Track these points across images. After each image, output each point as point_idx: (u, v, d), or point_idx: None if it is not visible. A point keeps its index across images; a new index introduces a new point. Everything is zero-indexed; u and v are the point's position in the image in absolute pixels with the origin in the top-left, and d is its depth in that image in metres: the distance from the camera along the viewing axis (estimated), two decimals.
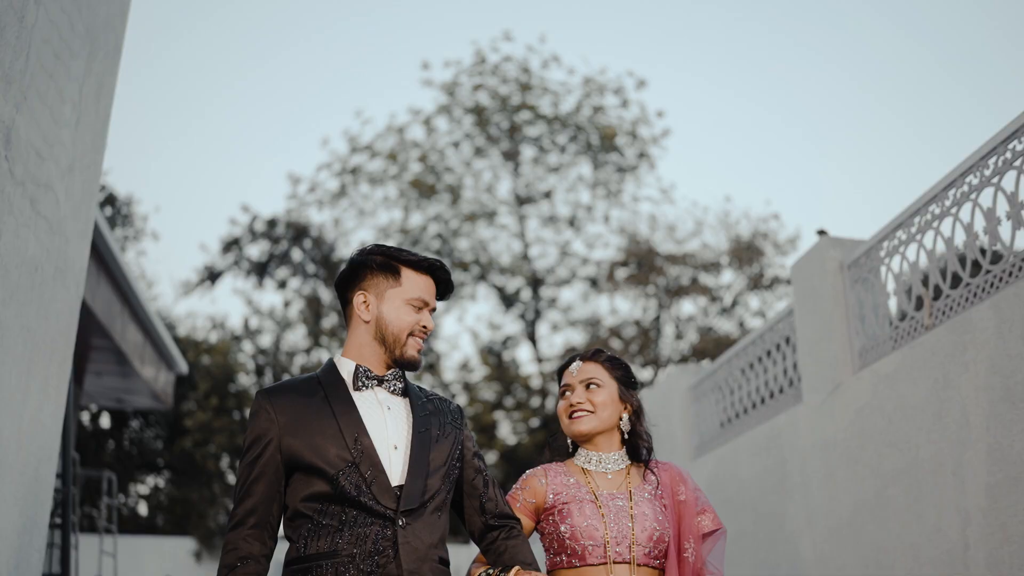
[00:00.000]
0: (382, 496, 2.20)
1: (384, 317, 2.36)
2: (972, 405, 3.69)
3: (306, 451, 2.23)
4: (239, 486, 2.26)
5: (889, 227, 4.52)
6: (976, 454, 3.66)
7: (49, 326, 4.00)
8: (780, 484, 5.48)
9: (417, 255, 2.45)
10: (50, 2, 3.83)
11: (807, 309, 5.18)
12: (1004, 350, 3.50)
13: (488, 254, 21.43)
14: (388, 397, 2.37)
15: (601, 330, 20.26)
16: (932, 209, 4.18)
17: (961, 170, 3.94)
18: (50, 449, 4.15)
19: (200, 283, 21.36)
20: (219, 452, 18.96)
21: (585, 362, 2.70)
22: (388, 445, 2.28)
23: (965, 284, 3.93)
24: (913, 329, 4.31)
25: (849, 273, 4.89)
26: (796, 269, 5.42)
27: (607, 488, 2.59)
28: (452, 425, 2.43)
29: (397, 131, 21.08)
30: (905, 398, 4.19)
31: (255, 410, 2.34)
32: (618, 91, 21.08)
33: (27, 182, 3.67)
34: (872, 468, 4.46)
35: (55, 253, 4.06)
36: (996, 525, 3.52)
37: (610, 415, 2.64)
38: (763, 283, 19.22)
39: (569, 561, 2.50)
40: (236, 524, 2.25)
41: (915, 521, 4.08)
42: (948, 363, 3.86)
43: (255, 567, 2.20)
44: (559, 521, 2.53)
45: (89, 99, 4.46)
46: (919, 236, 4.30)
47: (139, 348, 9.64)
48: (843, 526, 4.73)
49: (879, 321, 4.65)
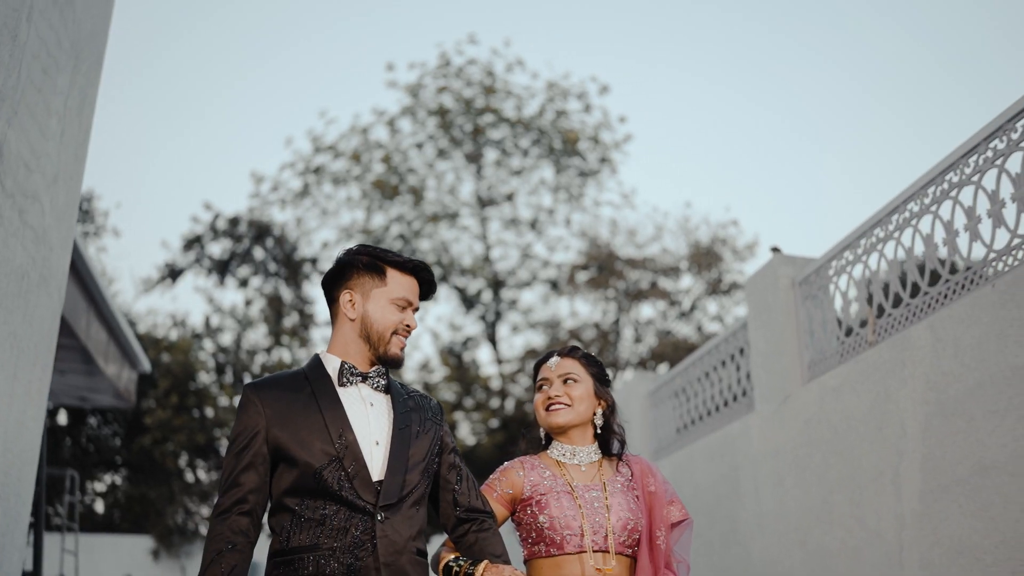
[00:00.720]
0: (363, 491, 2.27)
1: (369, 315, 2.43)
2: (909, 418, 3.96)
3: (292, 444, 2.29)
4: (225, 476, 2.31)
5: (838, 247, 4.79)
6: (912, 463, 3.93)
7: (33, 332, 4.12)
8: (733, 489, 5.74)
9: (402, 256, 2.53)
10: (40, 19, 3.96)
11: (760, 322, 5.44)
12: (938, 367, 3.77)
13: (450, 255, 21.55)
14: (371, 393, 2.43)
15: (561, 332, 20.48)
16: (877, 232, 4.45)
17: (903, 197, 4.21)
18: (32, 451, 4.28)
19: (161, 280, 21.25)
20: (178, 450, 18.89)
21: (563, 358, 2.81)
22: (370, 441, 2.34)
23: (905, 304, 4.21)
24: (858, 345, 4.59)
25: (800, 289, 5.16)
26: (750, 284, 5.68)
27: (581, 480, 2.70)
28: (432, 421, 2.50)
29: (361, 132, 21.14)
30: (849, 410, 4.46)
31: (243, 402, 2.39)
32: (581, 96, 21.30)
33: (16, 194, 3.80)
34: (818, 475, 4.72)
35: (40, 261, 4.18)
36: (928, 529, 3.79)
37: (586, 409, 2.75)
38: (721, 288, 19.54)
39: (547, 551, 2.60)
40: (222, 512, 2.28)
41: (857, 525, 4.35)
42: (888, 378, 4.13)
43: (239, 555, 2.24)
44: (537, 512, 2.63)
45: (73, 111, 4.58)
46: (865, 257, 4.57)
47: (103, 346, 9.65)
48: (791, 530, 4.99)
49: (827, 336, 4.92)
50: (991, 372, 3.46)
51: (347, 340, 2.46)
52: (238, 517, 2.27)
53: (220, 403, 19.54)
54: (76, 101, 4.60)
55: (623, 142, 21.39)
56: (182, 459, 19.22)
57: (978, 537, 3.49)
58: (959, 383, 3.64)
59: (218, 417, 19.44)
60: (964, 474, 3.59)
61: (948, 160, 3.88)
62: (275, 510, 2.33)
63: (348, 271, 2.48)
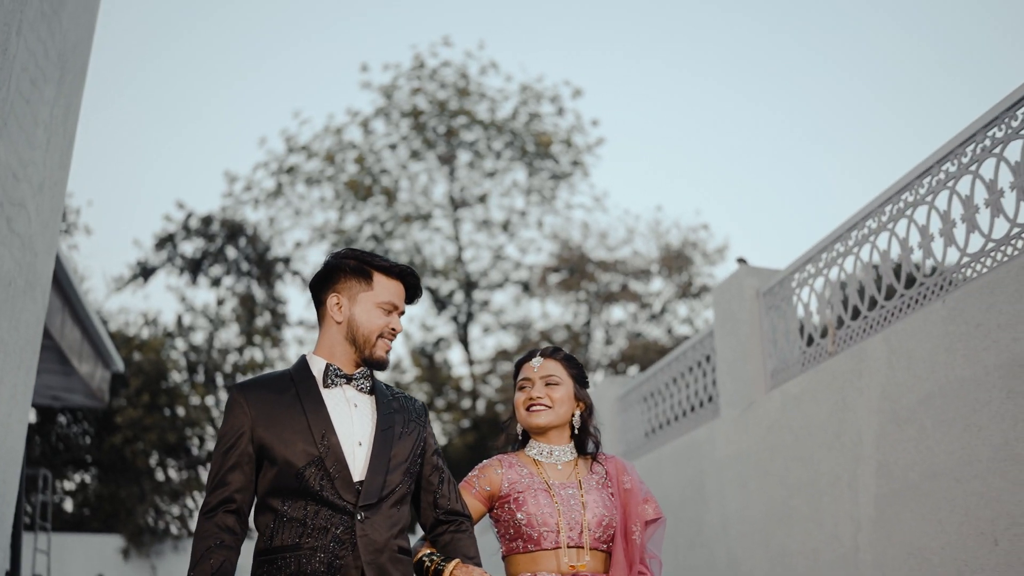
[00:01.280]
0: (344, 491, 2.31)
1: (356, 319, 2.47)
2: (865, 426, 4.15)
3: (275, 443, 2.33)
4: (212, 474, 2.36)
5: (801, 259, 4.98)
6: (867, 469, 4.12)
7: (19, 337, 4.22)
8: (698, 492, 5.92)
9: (388, 261, 2.55)
10: (29, 32, 4.05)
11: (726, 331, 5.63)
12: (893, 378, 3.97)
13: (422, 256, 21.66)
14: (356, 395, 2.47)
15: (532, 333, 20.65)
16: (838, 247, 4.65)
17: (863, 214, 4.40)
18: (16, 452, 4.37)
19: (133, 279, 21.17)
20: (149, 449, 18.84)
21: (546, 359, 2.87)
22: (353, 441, 2.38)
23: (863, 317, 4.40)
24: (818, 354, 4.78)
25: (764, 300, 5.35)
26: (717, 293, 5.87)
27: (557, 478, 2.77)
28: (416, 423, 2.54)
29: (335, 132, 21.19)
30: (809, 417, 4.65)
31: (230, 403, 2.44)
32: (554, 99, 21.48)
33: (4, 203, 3.89)
34: (780, 479, 4.91)
35: (26, 267, 4.27)
36: (882, 532, 3.99)
37: (566, 411, 2.83)
38: (691, 291, 19.79)
39: (525, 546, 2.69)
40: (210, 510, 2.33)
41: (816, 528, 4.54)
42: (846, 387, 4.32)
43: (227, 553, 2.29)
44: (515, 509, 2.71)
45: (58, 120, 4.67)
46: (826, 270, 4.77)
47: (77, 346, 9.66)
48: (754, 531, 5.18)
49: (790, 345, 5.11)
50: (940, 383, 3.66)
51: (333, 342, 2.50)
52: (225, 515, 2.32)
53: (192, 402, 19.52)
54: (61, 110, 4.69)
55: (595, 145, 21.59)
56: (152, 458, 19.18)
57: (927, 539, 3.68)
58: (911, 393, 3.84)
59: (189, 416, 19.41)
60: (915, 480, 3.78)
61: (903, 180, 4.07)
62: (259, 510, 2.38)
63: (335, 275, 2.52)
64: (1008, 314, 3.31)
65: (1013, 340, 3.28)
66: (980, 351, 3.44)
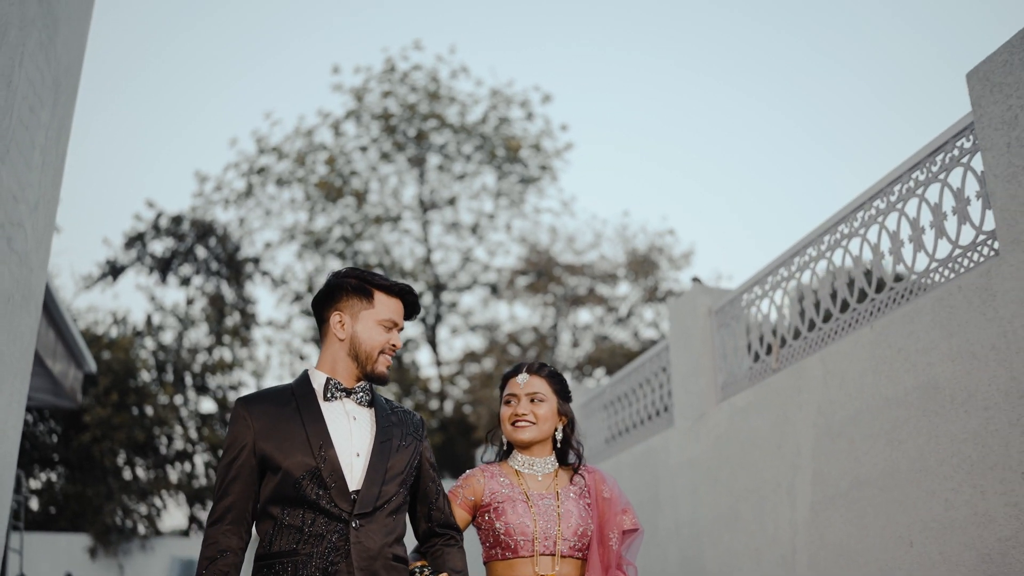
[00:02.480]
0: (339, 500, 2.40)
1: (358, 336, 2.57)
2: (803, 438, 4.53)
3: (276, 455, 2.43)
4: (218, 485, 2.47)
5: (750, 281, 5.35)
6: (804, 478, 4.50)
7: (15, 348, 4.47)
8: (654, 497, 6.29)
9: (389, 280, 2.65)
10: (29, 63, 4.30)
11: (680, 346, 5.99)
12: (827, 395, 4.35)
13: (391, 257, 21.82)
14: (355, 408, 2.57)
15: (500, 336, 20.91)
16: (782, 271, 5.02)
17: (804, 242, 4.78)
18: (11, 457, 4.61)
19: (102, 277, 21.18)
20: (117, 448, 18.91)
21: (532, 375, 2.99)
22: (351, 453, 2.48)
23: (803, 337, 4.78)
24: (764, 371, 5.15)
25: (716, 318, 5.72)
26: (672, 310, 6.23)
27: (537, 489, 2.90)
28: (413, 436, 2.64)
29: (305, 134, 21.33)
30: (755, 429, 5.02)
31: (234, 416, 2.54)
32: (524, 104, 21.75)
33: (5, 224, 4.14)
34: (727, 486, 5.28)
35: (23, 283, 4.52)
36: (816, 535, 4.36)
37: (549, 427, 2.96)
38: (657, 295, 20.12)
39: (503, 554, 2.83)
40: (215, 520, 2.45)
41: (759, 530, 4.91)
42: (787, 402, 4.69)
43: (232, 558, 2.41)
44: (494, 519, 2.85)
45: (52, 141, 4.91)
46: (772, 292, 5.14)
47: (51, 346, 9.80)
48: (704, 534, 5.54)
49: (739, 361, 5.48)
50: (867, 402, 4.03)
51: (336, 358, 2.59)
52: (228, 525, 2.44)
53: (160, 401, 19.61)
54: (55, 131, 4.93)
55: (564, 150, 21.86)
56: (120, 457, 19.25)
57: (854, 542, 4.06)
58: (843, 410, 4.22)
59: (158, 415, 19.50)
60: (845, 488, 4.16)
61: (840, 214, 4.45)
62: (261, 517, 2.48)
63: (337, 293, 2.61)
64: (925, 341, 3.69)
65: (929, 364, 3.66)
66: (901, 373, 3.82)
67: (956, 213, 3.69)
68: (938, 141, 3.80)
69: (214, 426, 20.46)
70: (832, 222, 4.54)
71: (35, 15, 4.27)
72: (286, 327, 21.76)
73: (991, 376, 3.32)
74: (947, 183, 3.75)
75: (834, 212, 4.52)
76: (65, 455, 18.70)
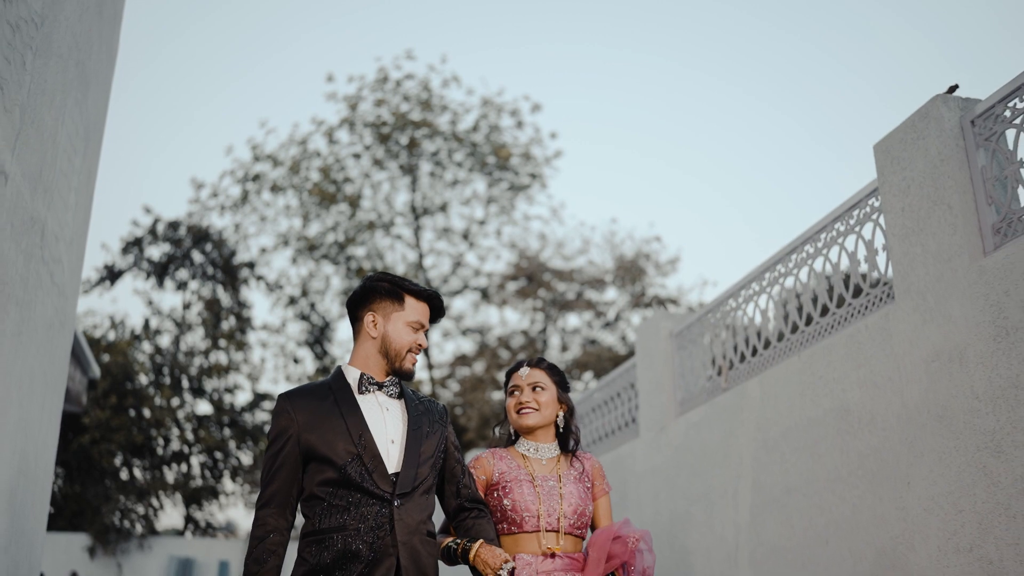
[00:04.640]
0: (381, 482, 2.62)
1: (389, 335, 2.80)
2: (745, 450, 5.17)
3: (320, 445, 2.64)
4: (264, 473, 2.69)
5: (705, 309, 5.99)
6: (745, 484, 5.14)
7: (55, 369, 5.09)
8: (622, 501, 6.92)
9: (418, 286, 2.87)
10: (68, 120, 4.90)
11: (645, 365, 6.63)
12: (764, 414, 4.99)
13: (384, 262, 22.28)
14: (387, 400, 2.79)
15: (490, 339, 21.39)
16: (731, 302, 5.66)
17: (749, 278, 5.42)
18: (50, 466, 5.24)
19: (100, 282, 21.67)
20: (116, 450, 19.42)
21: (532, 368, 3.25)
22: (386, 439, 2.70)
23: (747, 362, 5.42)
24: (715, 389, 5.79)
25: (676, 340, 6.36)
26: (639, 331, 6.86)
27: (541, 472, 3.14)
28: (439, 423, 2.86)
29: (300, 142, 21.74)
30: (706, 441, 5.66)
31: (278, 410, 2.74)
32: (514, 113, 22.18)
33: (49, 261, 4.76)
34: (683, 491, 5.92)
35: (60, 311, 5.14)
36: (754, 535, 5.01)
37: (551, 413, 3.21)
38: (644, 301, 20.59)
39: (509, 528, 3.07)
40: (264, 504, 2.67)
41: (708, 531, 5.55)
42: (732, 419, 5.34)
43: (279, 537, 2.63)
44: (503, 496, 3.09)
45: (83, 184, 5.51)
46: (723, 320, 5.78)
47: None
48: (663, 533, 6.18)
49: (695, 381, 6.12)
50: (796, 420, 4.68)
51: (368, 355, 2.82)
52: (275, 508, 2.66)
53: (157, 403, 20.13)
54: (86, 175, 5.54)
55: (553, 157, 22.32)
56: (118, 458, 19.74)
57: (783, 540, 4.70)
58: (776, 427, 4.86)
59: (155, 417, 20.04)
60: (777, 494, 4.80)
61: (779, 255, 5.09)
62: (308, 499, 2.67)
63: (371, 296, 2.84)
64: (840, 370, 4.34)
65: (842, 390, 4.31)
66: (821, 397, 4.47)
67: (867, 261, 4.33)
68: (855, 198, 4.43)
69: (210, 428, 21.02)
70: (771, 262, 5.18)
71: (73, 77, 4.87)
72: (281, 331, 22.31)
73: (887, 402, 3.96)
74: (860, 235, 4.39)
75: (774, 252, 5.16)
76: (64, 456, 19.20)
